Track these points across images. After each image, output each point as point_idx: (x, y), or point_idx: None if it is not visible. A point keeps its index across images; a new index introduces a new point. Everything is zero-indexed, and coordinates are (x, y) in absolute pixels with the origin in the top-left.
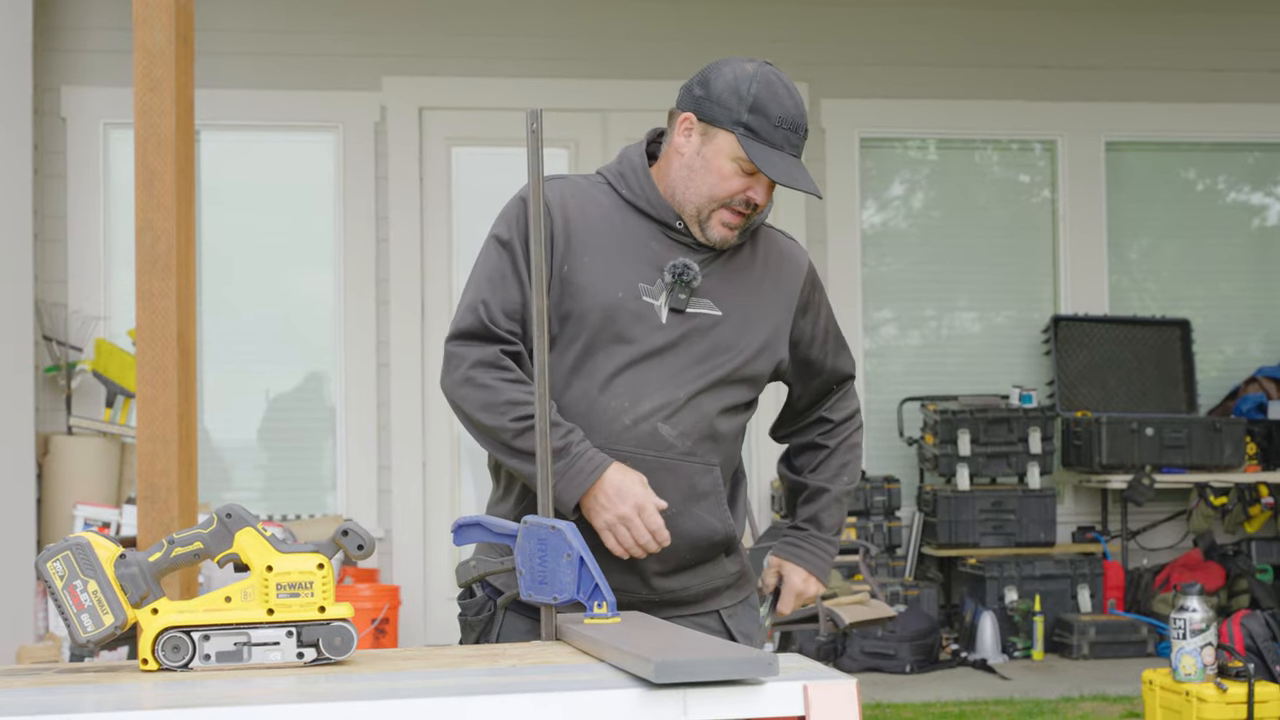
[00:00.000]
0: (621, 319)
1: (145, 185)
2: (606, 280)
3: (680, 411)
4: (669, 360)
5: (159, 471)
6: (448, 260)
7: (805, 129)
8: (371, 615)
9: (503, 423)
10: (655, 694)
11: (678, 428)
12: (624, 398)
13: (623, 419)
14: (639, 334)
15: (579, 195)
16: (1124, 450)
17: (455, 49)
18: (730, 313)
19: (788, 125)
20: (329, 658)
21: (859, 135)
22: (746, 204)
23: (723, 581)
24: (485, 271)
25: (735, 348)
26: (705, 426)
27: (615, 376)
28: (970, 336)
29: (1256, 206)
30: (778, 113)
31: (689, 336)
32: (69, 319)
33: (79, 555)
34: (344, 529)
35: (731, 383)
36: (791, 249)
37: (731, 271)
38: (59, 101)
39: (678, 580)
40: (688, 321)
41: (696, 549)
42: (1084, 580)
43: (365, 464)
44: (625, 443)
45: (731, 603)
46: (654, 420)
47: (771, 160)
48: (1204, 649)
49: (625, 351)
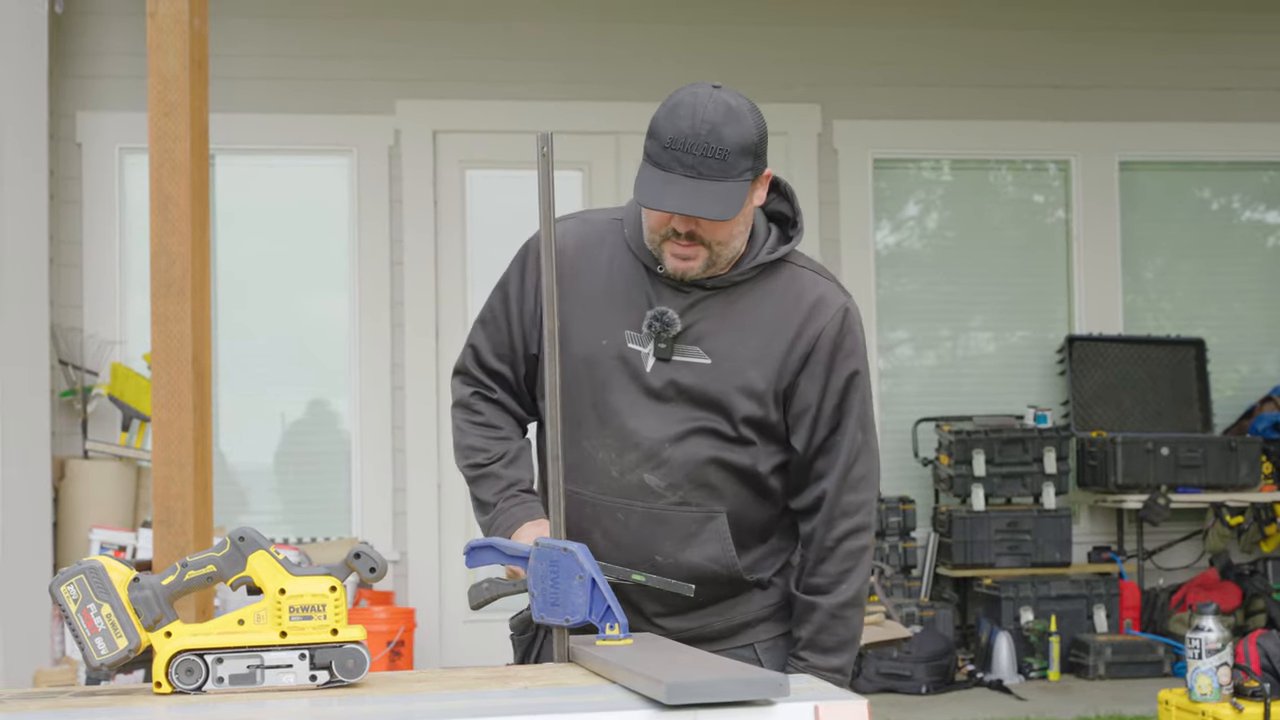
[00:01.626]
0: (604, 368)
1: (160, 210)
2: (589, 328)
3: (667, 461)
4: (654, 409)
5: (174, 495)
6: (462, 283)
7: (710, 146)
8: (387, 638)
9: (461, 466)
10: (666, 715)
11: (665, 479)
12: (611, 449)
13: (610, 470)
14: (622, 383)
15: (586, 237)
16: (1139, 470)
17: (469, 72)
18: (720, 361)
19: (679, 145)
20: (342, 680)
21: (872, 156)
22: (687, 236)
23: (754, 615)
24: (482, 313)
25: (722, 399)
26: (697, 476)
27: (602, 426)
28: (985, 357)
29: (1271, 225)
30: (669, 134)
31: (674, 385)
32: (85, 343)
33: (93, 579)
34: (356, 551)
35: (721, 436)
36: (815, 294)
37: (732, 314)
38: (74, 127)
39: (690, 620)
40: (674, 369)
41: (703, 593)
42: (1100, 600)
43: (380, 486)
44: (614, 493)
45: (769, 636)
46: (640, 471)
47: (651, 185)
48: (1220, 669)
49: (614, 400)
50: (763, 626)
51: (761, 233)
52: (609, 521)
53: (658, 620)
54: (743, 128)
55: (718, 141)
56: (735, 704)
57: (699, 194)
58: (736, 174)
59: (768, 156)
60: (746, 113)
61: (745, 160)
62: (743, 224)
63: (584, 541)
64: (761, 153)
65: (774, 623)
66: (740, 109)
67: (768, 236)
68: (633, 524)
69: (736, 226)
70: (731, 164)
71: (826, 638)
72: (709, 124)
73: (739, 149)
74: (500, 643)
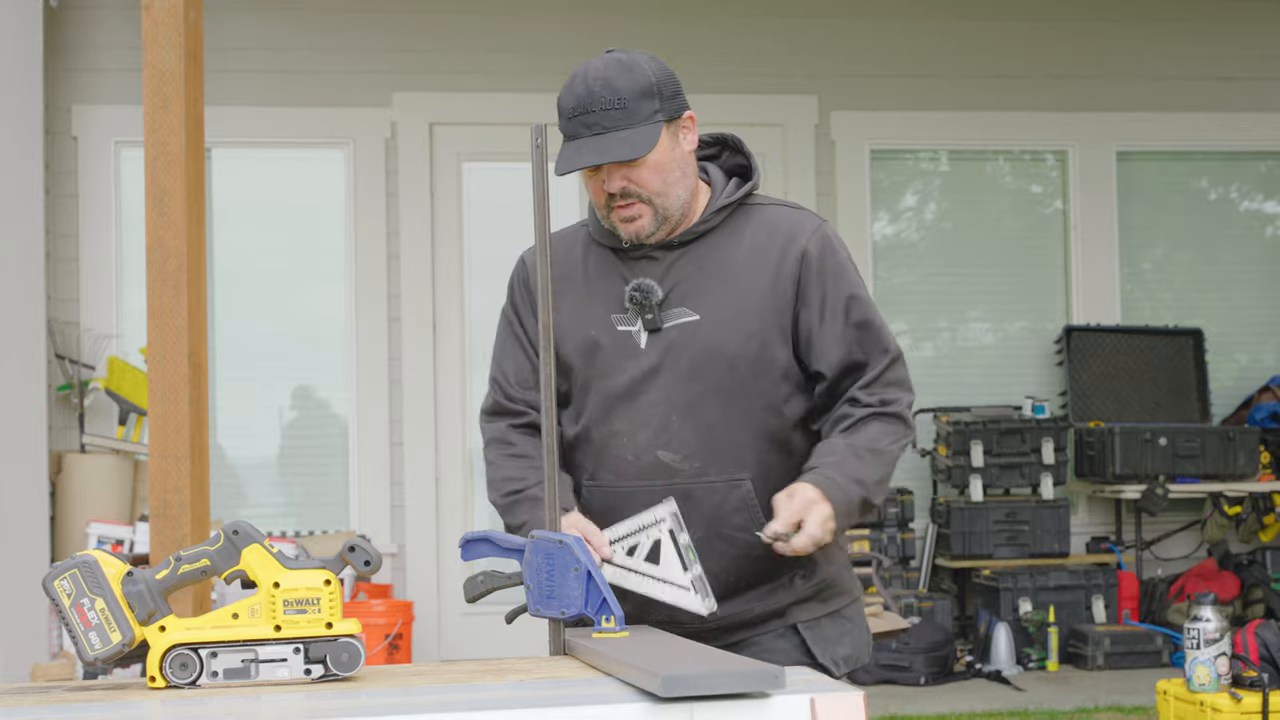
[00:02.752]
0: (600, 356)
1: (156, 203)
2: (577, 322)
3: (677, 434)
4: (657, 383)
5: (171, 489)
6: (459, 276)
7: (606, 99)
8: (385, 631)
9: (496, 499)
10: (662, 708)
11: (679, 451)
12: (623, 434)
13: (626, 455)
14: (621, 366)
15: (557, 248)
16: (1137, 460)
17: (466, 64)
18: (708, 312)
19: (579, 110)
20: (336, 674)
21: (869, 148)
22: (621, 194)
23: (796, 597)
24: (496, 345)
25: (720, 350)
26: (711, 441)
27: (610, 414)
28: (983, 347)
29: (1269, 215)
30: (569, 104)
31: (670, 352)
32: (81, 337)
33: (86, 573)
34: (351, 545)
35: (728, 392)
36: (789, 223)
37: (710, 265)
38: (70, 121)
39: (732, 605)
40: (666, 337)
41: (740, 571)
42: (1098, 591)
43: (378, 480)
44: (633, 477)
45: (812, 615)
46: (654, 450)
47: (562, 155)
48: (1218, 659)
49: (613, 386)
50: (805, 607)
51: (720, 184)
52: (634, 508)
53: None
54: (636, 74)
55: (612, 93)
56: (731, 696)
57: (605, 144)
58: (642, 118)
59: (684, 98)
60: (641, 61)
61: (649, 103)
62: (676, 169)
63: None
64: (668, 94)
65: (818, 601)
66: (632, 60)
67: (726, 187)
68: None
69: (669, 173)
70: (634, 109)
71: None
72: (601, 79)
73: (637, 93)
74: (498, 635)
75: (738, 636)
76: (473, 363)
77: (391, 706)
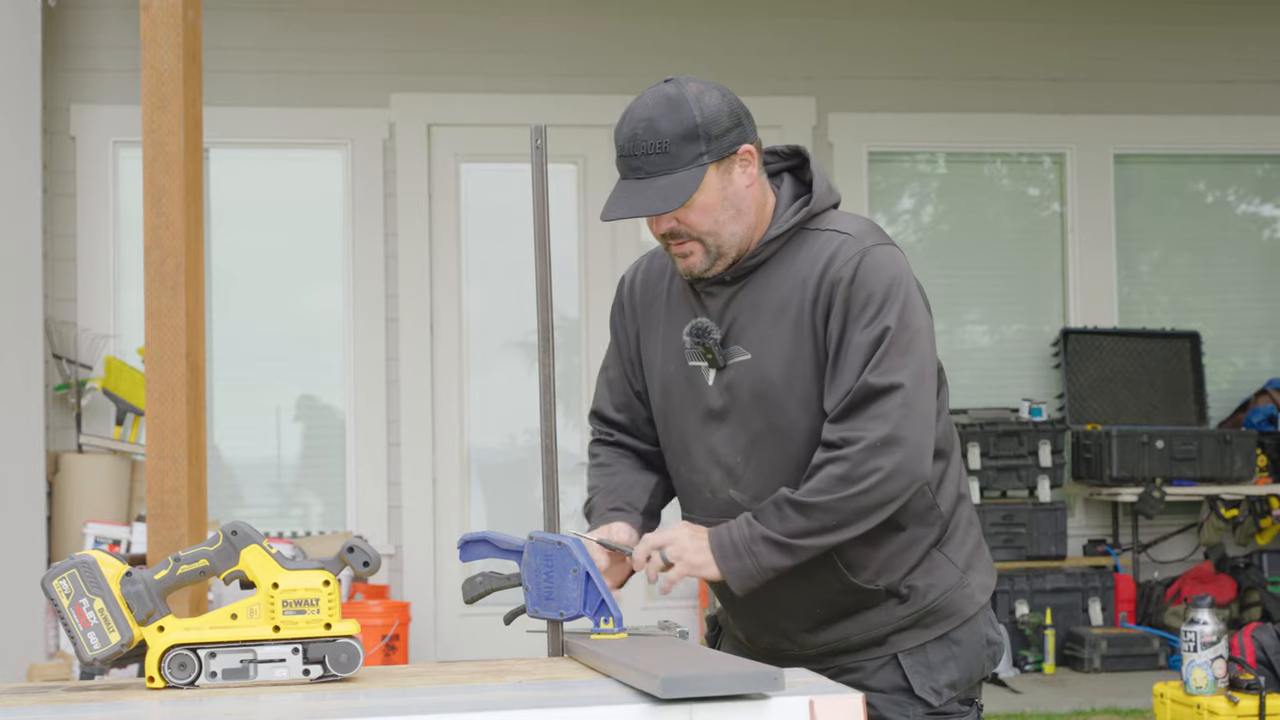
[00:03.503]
0: (676, 391)
1: (154, 203)
2: (659, 354)
3: (744, 475)
4: (725, 423)
5: (169, 489)
6: (457, 277)
7: (649, 144)
8: (382, 632)
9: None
10: (661, 709)
11: (746, 492)
12: (700, 471)
13: (704, 493)
14: (694, 403)
15: (651, 270)
16: (1134, 463)
17: (463, 65)
18: (759, 349)
19: (625, 151)
20: (335, 674)
21: (867, 149)
22: (670, 235)
23: (895, 625)
24: (604, 360)
25: (774, 387)
26: (775, 482)
27: (688, 449)
28: (980, 350)
29: (1266, 218)
30: (619, 143)
31: (730, 392)
32: (79, 337)
33: (85, 573)
34: (350, 545)
35: (787, 434)
36: (832, 248)
37: (762, 300)
38: (68, 120)
39: (829, 633)
40: (727, 376)
41: (828, 603)
42: (1095, 593)
43: (376, 480)
44: (713, 514)
45: (913, 644)
46: (726, 490)
47: (611, 201)
48: (1215, 662)
49: (690, 423)
50: (906, 634)
51: (785, 205)
52: None
53: (794, 637)
54: (680, 115)
55: (655, 136)
56: (730, 698)
57: (643, 193)
58: (685, 163)
59: (740, 132)
60: (689, 99)
61: (693, 146)
62: (729, 207)
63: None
64: (717, 133)
65: (920, 629)
66: (680, 96)
67: (786, 211)
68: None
69: (718, 212)
70: (675, 154)
71: (765, 518)
72: (644, 121)
73: (680, 137)
74: (495, 636)
75: (840, 662)
76: (470, 363)
77: (390, 707)
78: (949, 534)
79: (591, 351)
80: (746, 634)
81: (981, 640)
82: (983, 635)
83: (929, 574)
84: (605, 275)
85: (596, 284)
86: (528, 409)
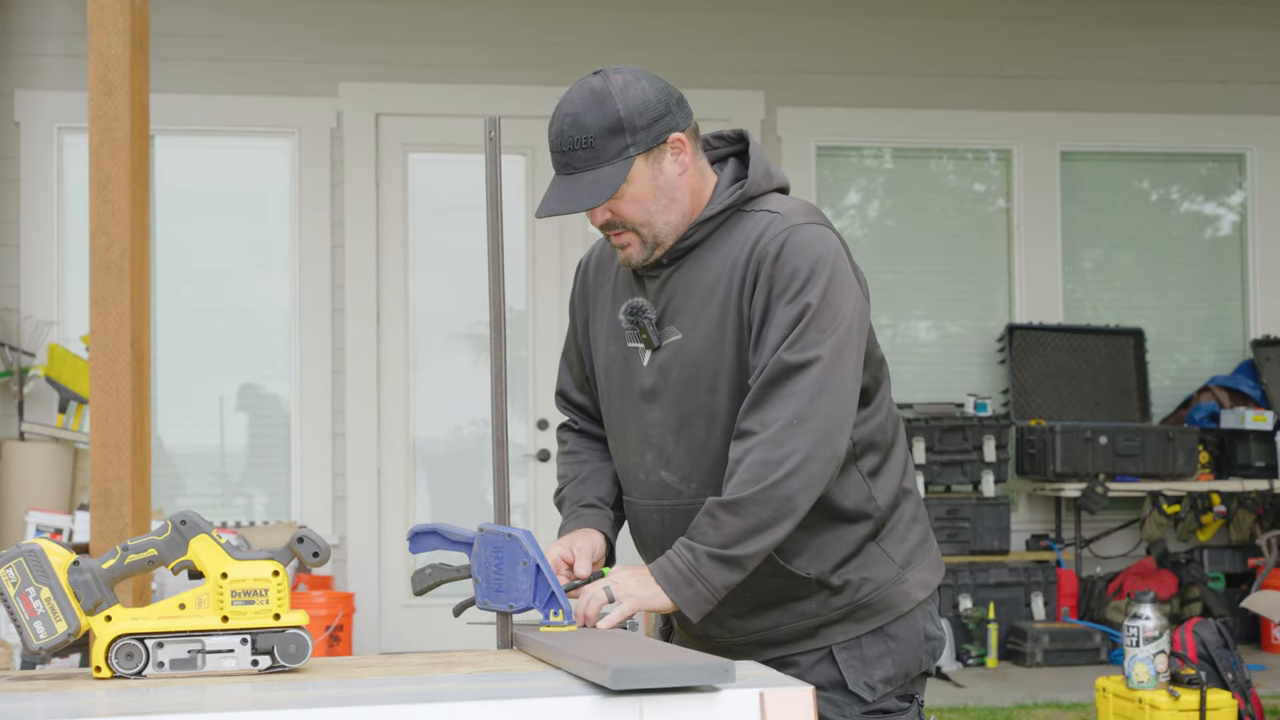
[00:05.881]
0: (615, 372)
1: (99, 190)
2: (602, 337)
3: (674, 455)
4: (657, 403)
5: (112, 477)
6: (403, 267)
7: (574, 139)
8: (326, 622)
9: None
10: (611, 700)
11: (677, 473)
12: (634, 452)
13: (639, 474)
14: (631, 384)
15: (602, 255)
16: (1078, 459)
17: (412, 55)
18: (690, 329)
19: (555, 147)
20: (284, 665)
21: (815, 144)
22: (607, 227)
23: (827, 617)
24: (564, 345)
25: (699, 369)
26: (703, 462)
27: (625, 430)
28: (925, 345)
29: (1209, 216)
30: (550, 140)
31: (663, 372)
32: (21, 324)
33: (32, 562)
34: (299, 536)
35: (711, 408)
36: (760, 226)
37: (694, 280)
38: (13, 106)
39: (758, 620)
40: (661, 357)
41: (758, 587)
42: (1038, 588)
43: (320, 470)
44: (647, 495)
45: (845, 637)
46: (658, 470)
47: (545, 198)
48: (1157, 656)
49: (626, 403)
50: (838, 628)
51: (722, 190)
52: (650, 525)
53: (724, 622)
54: (605, 109)
55: (580, 131)
56: (681, 689)
57: (572, 188)
58: (611, 156)
59: (669, 120)
60: (614, 92)
61: (618, 139)
62: (661, 197)
63: (638, 547)
64: (643, 124)
65: (851, 622)
66: (605, 90)
67: (722, 194)
68: (668, 524)
69: (650, 202)
70: (601, 149)
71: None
72: (570, 117)
73: (604, 131)
74: (439, 627)
75: (775, 653)
76: (416, 354)
77: (340, 698)
78: (888, 529)
79: (539, 344)
80: (679, 619)
81: (919, 635)
82: (920, 630)
83: (864, 568)
84: (552, 267)
85: (544, 276)
86: (473, 400)
